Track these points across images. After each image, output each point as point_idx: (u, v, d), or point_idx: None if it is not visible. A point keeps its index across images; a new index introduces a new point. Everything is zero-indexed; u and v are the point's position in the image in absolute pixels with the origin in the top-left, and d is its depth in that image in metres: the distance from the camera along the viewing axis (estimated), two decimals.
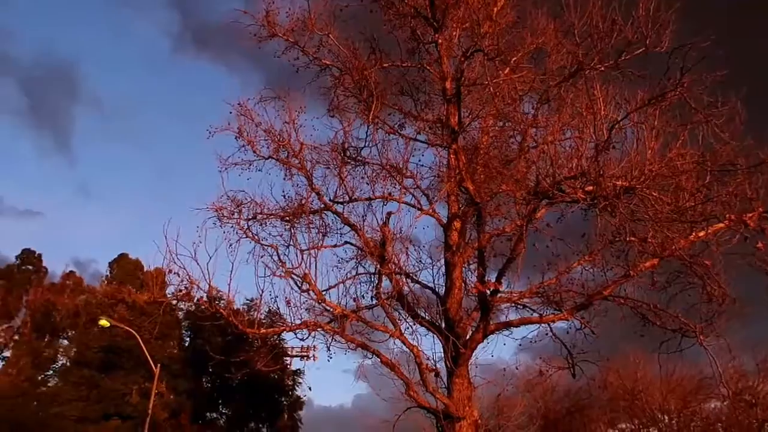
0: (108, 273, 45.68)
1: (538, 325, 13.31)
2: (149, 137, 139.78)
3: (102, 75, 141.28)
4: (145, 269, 40.75)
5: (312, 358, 31.85)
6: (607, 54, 10.79)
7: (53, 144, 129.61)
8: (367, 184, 14.78)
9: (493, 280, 11.87)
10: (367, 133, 14.54)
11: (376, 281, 13.25)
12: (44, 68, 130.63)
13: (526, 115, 12.70)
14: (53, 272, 52.94)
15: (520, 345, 13.93)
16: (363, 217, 14.54)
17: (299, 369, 33.87)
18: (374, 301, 14.43)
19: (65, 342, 39.97)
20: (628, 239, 10.87)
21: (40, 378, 37.02)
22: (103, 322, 28.43)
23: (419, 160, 14.62)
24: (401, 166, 14.71)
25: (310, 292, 12.69)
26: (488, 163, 12.81)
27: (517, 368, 15.12)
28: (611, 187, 9.47)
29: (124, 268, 43.84)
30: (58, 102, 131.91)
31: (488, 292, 11.66)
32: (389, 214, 12.31)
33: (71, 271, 51.71)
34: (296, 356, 32.28)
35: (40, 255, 50.72)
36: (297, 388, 34.97)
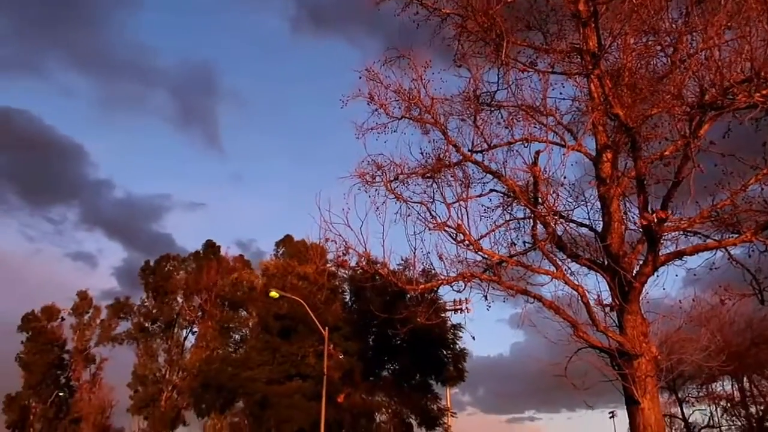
0: (275, 251, 50.36)
1: (714, 252, 12.25)
2: (285, 119, 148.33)
3: (236, 69, 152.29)
4: (308, 245, 44.29)
5: (465, 311, 32.18)
6: None
7: (204, 141, 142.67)
8: (505, 128, 14.36)
9: (658, 209, 11.03)
10: (498, 75, 14.04)
11: (531, 225, 12.94)
12: (187, 74, 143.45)
13: (675, 22, 11.42)
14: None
15: (694, 275, 12.89)
16: (504, 163, 14.22)
17: (459, 323, 34.46)
18: (527, 246, 14.18)
19: (244, 313, 44.41)
20: None
21: (226, 347, 41.58)
22: (273, 294, 31.15)
23: (560, 93, 13.83)
24: (539, 104, 14.07)
25: (466, 242, 12.73)
26: (636, 84, 11.80)
27: (693, 300, 14.05)
28: None
29: (291, 246, 47.86)
30: (203, 102, 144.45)
31: (654, 221, 10.87)
32: (538, 153, 11.84)
33: (240, 255, 58.73)
34: (450, 310, 32.85)
35: (219, 246, 59.39)
36: (458, 340, 35.64)
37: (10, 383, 58.94)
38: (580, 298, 12.13)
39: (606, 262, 12.67)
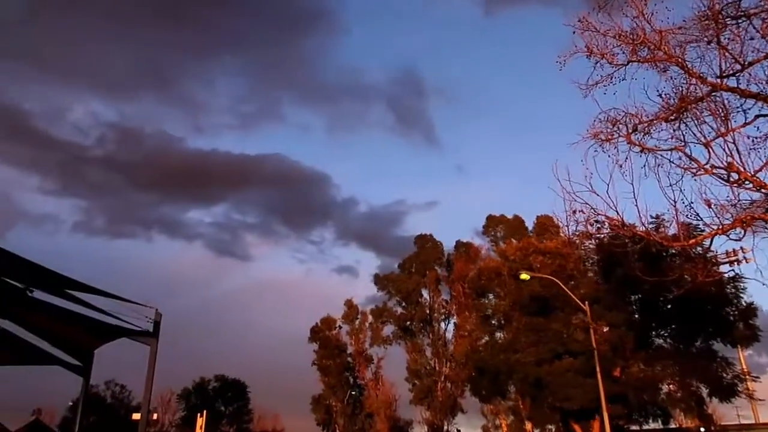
0: (485, 235, 51.02)
1: None
2: (495, 100, 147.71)
3: (436, 64, 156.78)
4: (526, 222, 43.53)
5: (743, 261, 27.92)
6: None
7: (424, 142, 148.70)
8: (762, 39, 12.15)
9: None
10: None
11: None
12: (397, 83, 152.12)
13: None
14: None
15: None
16: (767, 80, 12.06)
17: (738, 275, 30.03)
18: None
19: (492, 299, 44.83)
20: None
21: (490, 334, 42.30)
22: (524, 276, 30.76)
23: None
24: None
25: (741, 180, 11.10)
26: None
27: None
28: None
29: (508, 226, 47.43)
30: (415, 105, 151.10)
31: None
32: None
33: (462, 241, 60.29)
34: (724, 262, 28.82)
35: (431, 234, 62.36)
36: (741, 295, 31.09)
37: (313, 387, 68.70)
38: None
39: None
